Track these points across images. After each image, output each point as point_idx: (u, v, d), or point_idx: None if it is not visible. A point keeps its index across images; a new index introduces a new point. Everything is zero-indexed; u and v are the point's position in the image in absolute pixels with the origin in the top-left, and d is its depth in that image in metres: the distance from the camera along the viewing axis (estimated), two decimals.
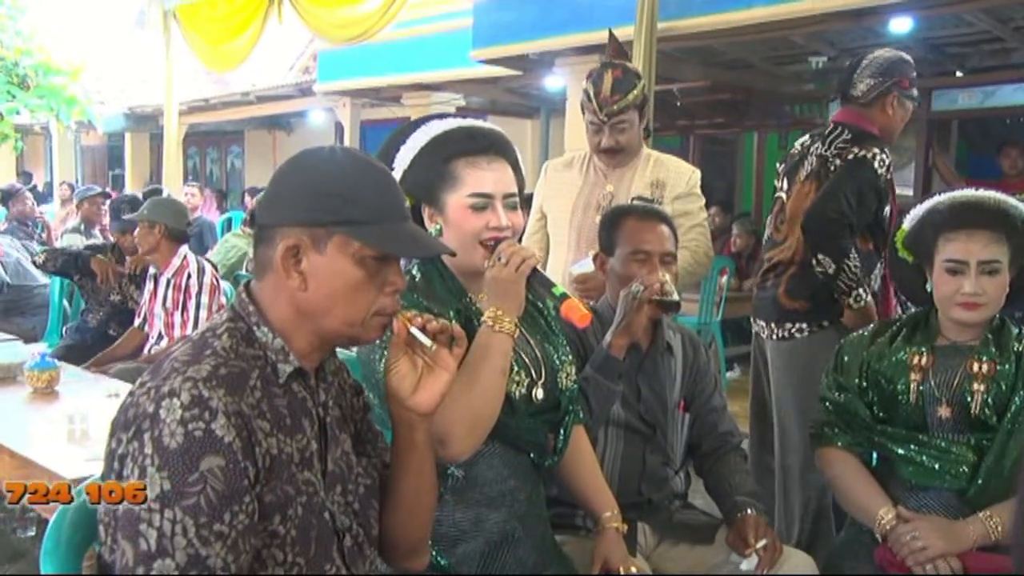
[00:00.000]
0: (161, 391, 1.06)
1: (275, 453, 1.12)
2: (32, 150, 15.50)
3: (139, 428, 1.05)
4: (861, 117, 2.72)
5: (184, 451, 1.03)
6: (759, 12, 4.41)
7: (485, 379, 1.53)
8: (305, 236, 1.17)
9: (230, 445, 1.05)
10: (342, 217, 1.17)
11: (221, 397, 1.07)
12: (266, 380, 1.16)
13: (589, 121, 2.70)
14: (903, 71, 2.70)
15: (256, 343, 1.19)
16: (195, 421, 1.04)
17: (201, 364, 1.10)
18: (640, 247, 2.03)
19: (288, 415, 1.17)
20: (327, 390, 1.29)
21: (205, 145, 14.80)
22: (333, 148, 1.27)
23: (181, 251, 3.66)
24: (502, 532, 1.65)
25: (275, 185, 1.22)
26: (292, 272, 1.18)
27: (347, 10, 6.17)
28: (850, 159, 2.62)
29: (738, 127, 8.31)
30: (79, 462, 2.29)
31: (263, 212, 1.21)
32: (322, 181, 1.19)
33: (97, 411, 2.75)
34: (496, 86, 7.75)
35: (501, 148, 1.67)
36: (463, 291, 1.67)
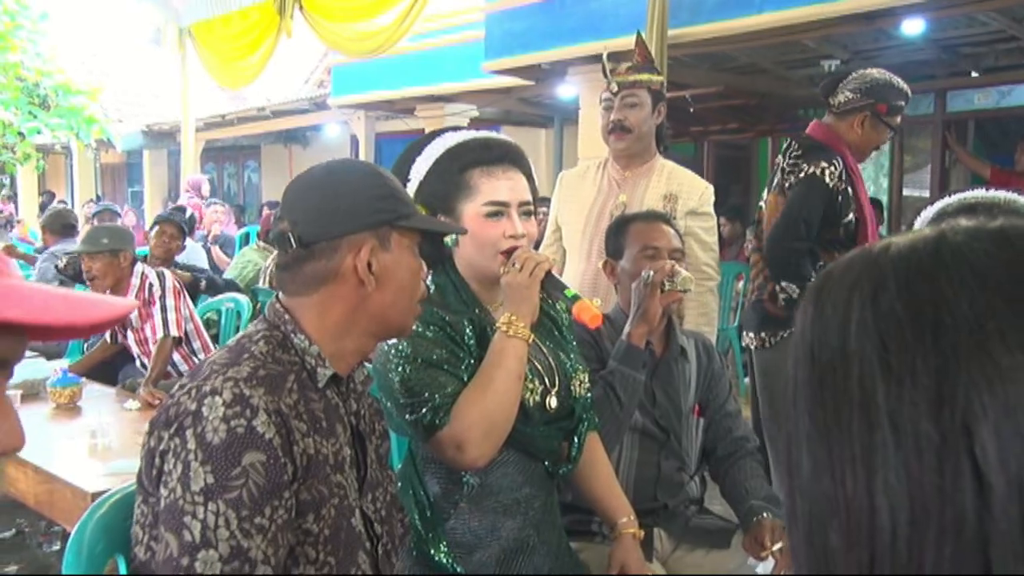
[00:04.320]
0: (203, 390, 1.10)
1: (311, 453, 1.15)
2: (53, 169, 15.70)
3: (181, 425, 1.08)
4: (828, 130, 2.75)
5: (227, 446, 1.06)
6: (769, 17, 4.41)
7: (500, 383, 1.55)
8: (374, 238, 1.23)
9: (270, 442, 1.08)
10: (400, 213, 1.26)
11: (261, 396, 1.10)
12: (303, 384, 1.20)
13: (603, 100, 2.74)
14: (884, 96, 2.69)
15: (292, 349, 1.23)
16: (237, 418, 1.08)
17: (241, 365, 1.14)
18: (649, 244, 2.07)
19: (324, 418, 1.21)
20: (357, 400, 1.33)
21: (222, 160, 14.94)
22: (346, 160, 1.37)
23: (137, 270, 3.61)
24: (517, 540, 1.66)
25: (321, 201, 1.24)
26: (367, 276, 1.23)
27: (361, 24, 6.24)
28: (801, 177, 2.65)
29: (752, 132, 8.29)
30: (100, 476, 2.32)
31: (314, 229, 1.23)
32: (374, 185, 1.26)
33: (118, 426, 2.79)
34: (509, 96, 7.78)
35: (515, 158, 1.69)
36: (477, 301, 1.69)
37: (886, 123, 2.72)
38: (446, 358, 1.58)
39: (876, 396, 0.48)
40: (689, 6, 4.57)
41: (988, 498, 0.44)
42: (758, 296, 2.86)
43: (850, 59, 5.94)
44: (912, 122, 7.10)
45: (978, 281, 0.48)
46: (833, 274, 0.54)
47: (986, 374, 0.45)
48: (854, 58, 5.95)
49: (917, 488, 0.46)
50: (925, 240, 0.51)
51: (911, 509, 0.46)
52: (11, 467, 2.55)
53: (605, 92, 2.73)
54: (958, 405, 0.45)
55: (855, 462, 0.48)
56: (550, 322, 1.81)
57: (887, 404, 0.47)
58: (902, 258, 0.51)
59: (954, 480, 0.45)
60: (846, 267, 0.53)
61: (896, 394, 0.47)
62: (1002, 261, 0.48)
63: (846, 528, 0.48)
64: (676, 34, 4.52)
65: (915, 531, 0.46)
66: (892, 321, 0.49)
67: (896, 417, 0.47)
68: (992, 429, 0.44)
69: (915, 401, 0.46)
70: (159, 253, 4.55)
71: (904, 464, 0.46)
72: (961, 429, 0.45)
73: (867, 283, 0.51)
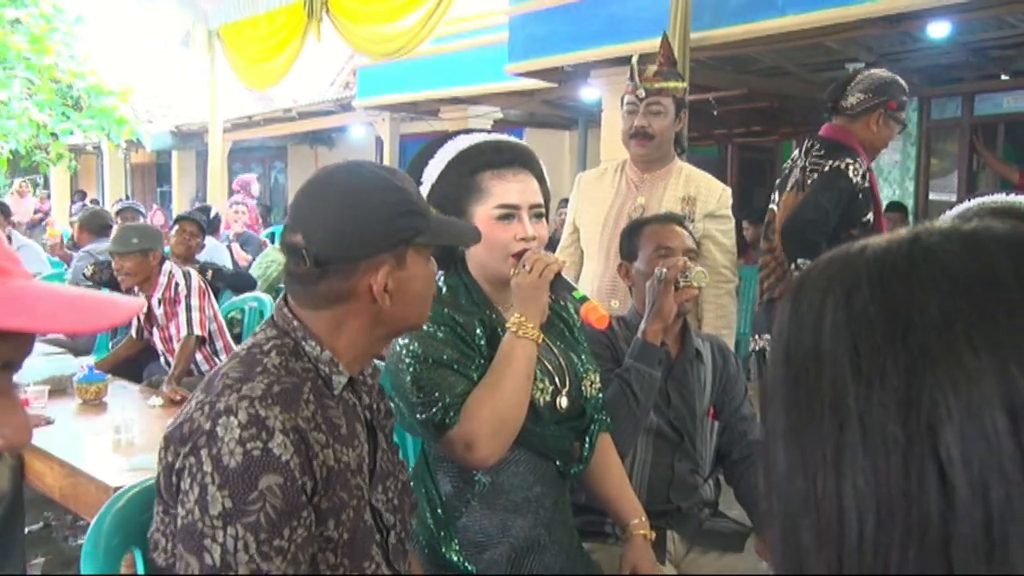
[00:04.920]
0: (217, 408, 1.09)
1: (332, 464, 1.15)
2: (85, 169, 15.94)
3: (195, 444, 1.08)
4: (843, 131, 2.82)
5: (243, 470, 1.05)
6: (793, 19, 4.39)
7: (510, 383, 1.57)
8: (391, 258, 1.21)
9: (287, 464, 1.07)
10: (418, 229, 1.24)
11: (277, 415, 1.09)
12: (319, 392, 1.19)
13: (627, 103, 2.74)
14: (893, 93, 2.79)
15: (305, 356, 1.21)
16: (253, 440, 1.06)
17: (254, 381, 1.12)
18: (662, 244, 2.09)
19: (343, 424, 1.21)
20: (368, 392, 1.34)
21: (249, 161, 15.08)
22: (359, 165, 1.29)
23: (165, 268, 3.67)
24: (528, 538, 1.67)
25: (339, 221, 1.20)
26: (383, 295, 1.21)
27: (385, 26, 6.28)
28: (825, 170, 2.73)
29: (776, 135, 8.25)
30: (123, 471, 2.37)
31: (330, 250, 1.19)
32: (393, 202, 1.22)
33: (141, 422, 2.85)
34: (532, 99, 7.80)
35: (526, 161, 1.71)
36: (488, 302, 1.71)
37: (896, 119, 2.82)
38: (456, 358, 1.59)
39: (847, 397, 0.48)
40: (712, 8, 4.57)
41: (952, 499, 0.45)
42: (769, 297, 2.91)
43: (875, 61, 5.89)
44: (939, 126, 7.04)
45: (948, 283, 0.48)
46: (811, 274, 0.54)
47: (952, 376, 0.45)
48: (879, 60, 5.90)
49: (884, 489, 0.46)
50: (900, 242, 0.51)
51: (878, 510, 0.46)
52: (38, 461, 2.60)
53: (629, 95, 2.73)
54: (924, 407, 0.46)
55: (826, 463, 0.48)
56: (561, 323, 1.82)
57: (857, 405, 0.48)
58: (876, 259, 0.51)
59: (919, 482, 0.45)
60: (823, 267, 0.54)
61: (865, 395, 0.47)
62: (972, 263, 0.48)
63: (817, 528, 0.49)
64: (699, 36, 4.52)
65: (881, 532, 0.46)
66: (864, 322, 0.49)
67: (865, 418, 0.47)
68: (956, 431, 0.45)
69: (884, 403, 0.47)
70: (180, 251, 4.62)
71: (872, 466, 0.47)
72: (927, 431, 0.46)
73: (841, 284, 0.51)
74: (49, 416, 2.89)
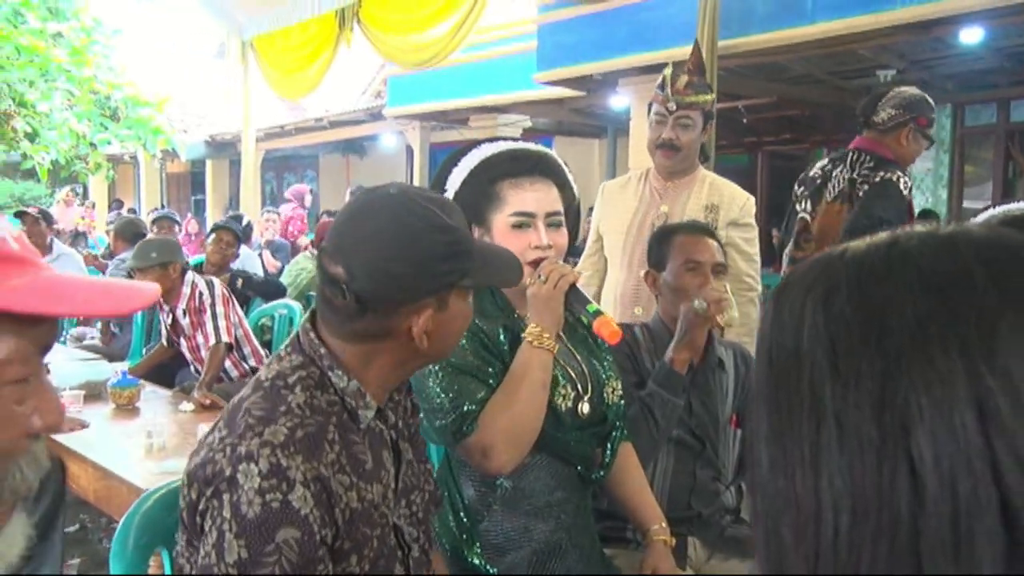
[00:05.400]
0: (238, 452, 1.06)
1: (355, 505, 1.13)
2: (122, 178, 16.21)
3: (217, 489, 1.06)
4: (879, 144, 2.93)
5: (261, 522, 1.03)
6: (822, 27, 4.37)
7: (527, 393, 1.58)
8: (434, 302, 1.18)
9: (306, 517, 1.05)
10: (464, 271, 1.20)
11: (299, 465, 1.06)
12: (343, 427, 1.16)
13: (655, 113, 2.73)
14: (922, 110, 2.92)
15: (331, 388, 1.18)
16: (272, 492, 1.04)
17: (277, 424, 1.09)
18: (692, 257, 2.06)
19: (369, 458, 1.18)
20: (394, 409, 1.31)
21: (282, 170, 15.25)
22: (409, 199, 1.20)
23: (188, 279, 3.72)
24: (549, 542, 1.68)
25: (385, 262, 1.15)
26: (422, 337, 1.18)
27: (416, 35, 6.33)
28: (877, 181, 2.83)
29: (807, 142, 8.19)
30: (155, 475, 2.42)
31: (373, 290, 1.15)
32: (440, 243, 1.17)
33: (172, 427, 2.90)
34: (561, 107, 7.81)
35: (545, 168, 1.72)
36: (511, 308, 1.72)
37: (925, 135, 2.94)
38: (478, 365, 1.61)
39: (824, 398, 0.49)
40: (740, 17, 4.55)
41: (922, 496, 0.46)
42: None
43: (906, 68, 5.85)
44: (973, 132, 6.95)
45: (923, 286, 0.49)
46: (793, 277, 0.55)
47: (925, 377, 0.46)
48: (911, 67, 5.86)
49: (859, 488, 0.47)
50: (878, 245, 0.53)
51: (853, 508, 0.47)
52: (73, 464, 2.66)
53: (658, 105, 2.72)
54: (898, 407, 0.47)
55: (804, 462, 0.50)
56: (584, 330, 1.83)
57: (833, 405, 0.49)
58: (855, 262, 0.52)
59: (891, 480, 0.46)
60: (806, 270, 0.55)
61: (842, 396, 0.48)
62: (947, 267, 0.49)
63: (796, 525, 0.50)
64: (727, 45, 4.51)
65: (855, 529, 0.47)
66: (841, 324, 0.50)
67: (841, 418, 0.48)
68: (928, 430, 0.46)
69: (859, 403, 0.48)
70: (215, 260, 4.70)
71: (848, 464, 0.48)
72: (900, 431, 0.47)
73: (821, 286, 0.52)
74: (84, 420, 2.96)
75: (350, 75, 12.38)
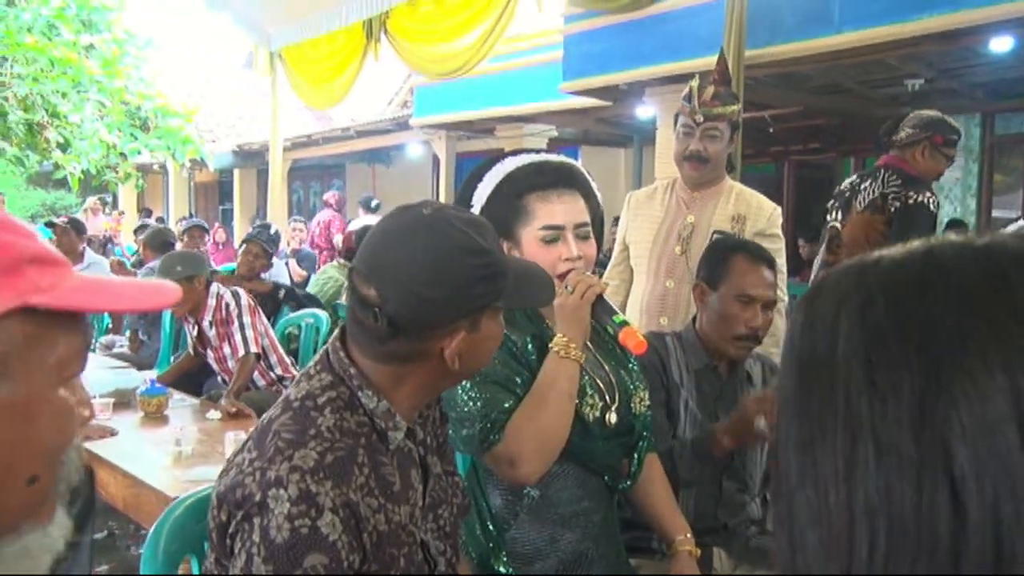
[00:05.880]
0: (268, 477, 1.06)
1: (383, 528, 1.13)
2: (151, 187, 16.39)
3: (248, 513, 1.06)
4: (902, 160, 3.19)
5: (289, 547, 1.03)
6: (849, 37, 4.35)
7: (553, 404, 1.58)
8: (468, 324, 1.18)
9: (334, 544, 1.05)
10: (499, 292, 1.19)
11: (328, 491, 1.06)
12: (373, 449, 1.16)
13: (682, 125, 2.72)
14: (939, 130, 3.17)
15: (360, 408, 1.17)
16: (302, 517, 1.04)
17: (307, 448, 1.09)
18: (746, 291, 2.02)
19: (397, 480, 1.18)
20: (423, 425, 1.30)
21: (309, 179, 15.37)
22: (445, 221, 1.17)
23: (212, 290, 3.72)
24: (576, 552, 1.68)
25: (421, 286, 1.14)
26: (454, 358, 1.18)
27: (444, 46, 6.36)
28: (910, 204, 3.08)
29: (834, 152, 8.14)
30: (182, 482, 2.44)
31: (407, 313, 1.14)
32: (476, 266, 1.16)
33: (200, 435, 2.93)
34: (587, 116, 7.82)
35: (570, 180, 1.72)
36: (540, 318, 1.73)
37: (943, 153, 3.17)
38: (506, 375, 1.62)
39: (860, 411, 0.48)
40: (767, 26, 4.54)
41: (963, 516, 0.45)
42: None
43: (935, 77, 5.79)
44: (1004, 141, 6.87)
45: (962, 299, 0.48)
46: (825, 285, 0.54)
47: (966, 393, 0.46)
48: (939, 76, 5.80)
49: (896, 506, 0.46)
50: (913, 256, 0.52)
51: (889, 526, 0.47)
52: (103, 471, 2.69)
53: (685, 117, 2.71)
54: (938, 424, 0.46)
55: (837, 476, 0.49)
56: (611, 340, 1.83)
57: (870, 420, 0.48)
58: (890, 273, 0.51)
59: (931, 499, 0.46)
60: (838, 278, 0.54)
61: (879, 410, 0.47)
62: (985, 279, 0.48)
63: (826, 539, 0.49)
64: (754, 54, 4.50)
65: (892, 548, 0.46)
66: (878, 336, 0.49)
67: (879, 433, 0.47)
68: (969, 448, 0.45)
69: (898, 419, 0.47)
70: (243, 271, 4.74)
71: (885, 482, 0.47)
72: (940, 449, 0.46)
73: (856, 296, 0.51)
74: (113, 428, 2.99)
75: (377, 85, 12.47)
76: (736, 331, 2.02)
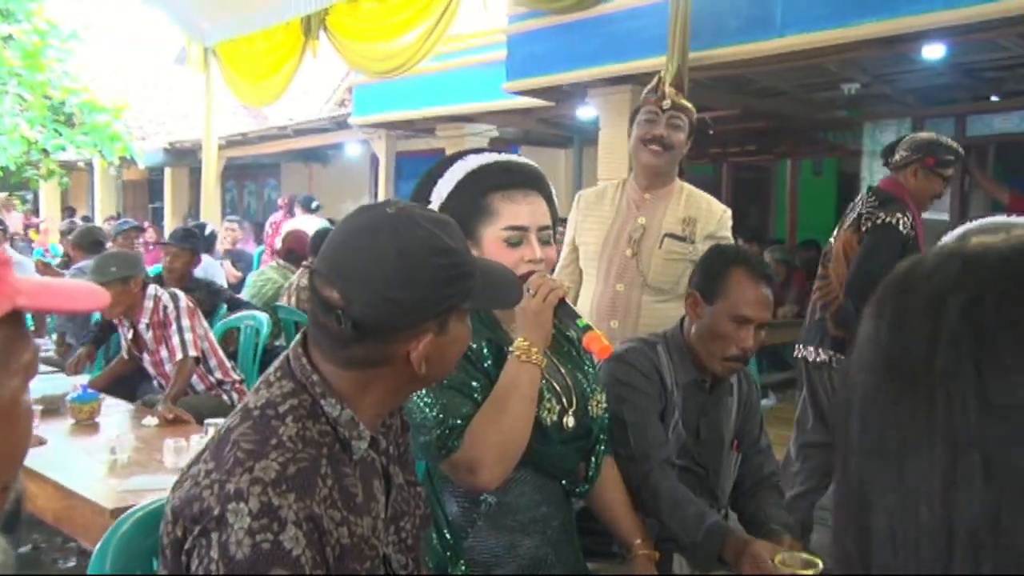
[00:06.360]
0: (227, 490, 1.01)
1: (345, 542, 1.09)
2: (76, 185, 15.88)
3: (205, 528, 1.01)
4: (893, 182, 3.30)
5: (251, 564, 0.98)
6: (791, 40, 4.40)
7: (514, 409, 1.55)
8: (435, 326, 1.14)
9: (298, 559, 1.00)
10: (466, 292, 1.16)
11: (291, 504, 1.01)
12: (335, 460, 1.11)
13: (645, 113, 2.70)
14: (931, 151, 3.24)
15: (323, 417, 1.13)
16: (263, 532, 0.99)
17: (268, 459, 1.04)
18: (742, 312, 1.92)
19: (360, 490, 1.14)
20: (385, 434, 1.26)
21: (243, 178, 15.06)
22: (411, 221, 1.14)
23: (150, 292, 3.60)
24: (534, 558, 1.66)
25: (387, 288, 1.10)
26: (421, 362, 1.14)
27: (384, 44, 6.28)
28: (878, 223, 3.16)
29: (771, 154, 8.29)
30: (119, 493, 2.33)
31: (373, 316, 1.10)
32: (444, 266, 1.12)
33: (136, 443, 2.80)
34: (529, 117, 7.81)
35: (536, 182, 1.70)
36: (496, 322, 1.70)
37: (937, 173, 3.23)
38: (462, 380, 1.59)
39: (966, 425, 0.43)
40: (711, 28, 4.58)
41: None
42: (821, 315, 3.33)
43: (870, 82, 5.93)
44: None
45: None
46: (914, 276, 0.49)
47: None
48: (874, 81, 5.94)
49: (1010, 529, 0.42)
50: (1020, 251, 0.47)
51: (996, 551, 0.42)
52: (31, 483, 2.56)
53: (650, 106, 2.69)
54: None
55: (932, 493, 0.44)
56: (567, 343, 1.82)
57: (980, 436, 0.43)
58: (998, 266, 0.46)
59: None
60: (930, 270, 0.49)
61: (992, 426, 0.43)
62: None
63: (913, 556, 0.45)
64: (697, 56, 4.52)
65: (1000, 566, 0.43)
66: (989, 342, 0.44)
67: (989, 451, 0.43)
68: None
69: (1017, 437, 0.42)
70: (167, 275, 4.57)
71: (996, 503, 0.43)
72: None
73: (959, 294, 0.46)
74: (42, 436, 2.85)
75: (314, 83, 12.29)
76: (728, 352, 1.94)
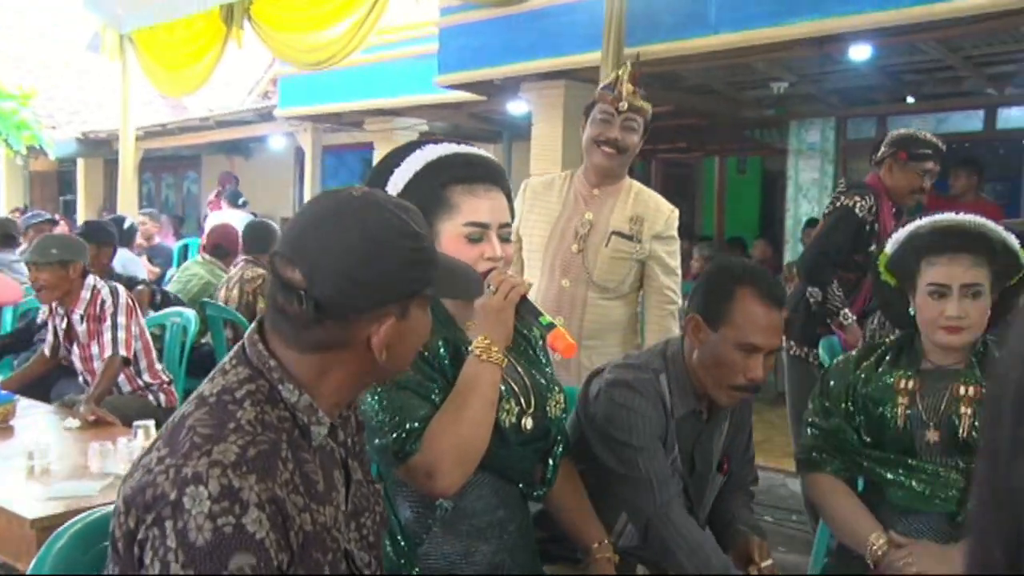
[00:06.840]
0: (183, 474, 0.97)
1: (308, 529, 1.05)
2: None
3: (159, 515, 0.96)
4: (874, 178, 3.38)
5: (212, 549, 0.94)
6: (725, 38, 4.45)
7: (473, 410, 1.50)
8: (396, 309, 1.12)
9: (262, 542, 0.97)
10: (429, 279, 1.15)
11: (253, 486, 0.98)
12: (295, 445, 1.08)
13: (601, 111, 2.66)
14: (904, 145, 3.31)
15: (281, 402, 1.10)
16: (225, 515, 0.95)
17: (227, 442, 1.01)
18: (750, 340, 1.76)
19: (321, 478, 1.11)
20: (343, 426, 1.24)
21: (161, 171, 14.57)
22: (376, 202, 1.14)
23: (88, 283, 3.45)
24: (492, 564, 1.62)
25: (351, 269, 1.08)
26: (381, 348, 1.12)
27: (313, 36, 6.12)
28: (837, 206, 3.28)
29: (699, 151, 8.41)
30: (41, 501, 2.19)
31: (336, 298, 1.08)
32: (409, 249, 1.12)
33: (58, 446, 2.65)
34: (459, 111, 7.75)
35: (497, 177, 1.65)
36: (451, 320, 1.65)
37: (912, 169, 3.28)
38: (419, 381, 1.53)
39: None
40: (646, 25, 4.59)
41: None
42: (792, 307, 3.25)
43: (797, 82, 6.06)
44: (855, 145, 7.28)
45: None
46: None
47: None
48: (800, 81, 6.07)
49: None
50: None
51: None
52: None
53: (605, 104, 2.66)
54: None
55: None
56: (524, 342, 1.77)
57: None
58: None
59: None
60: None
61: None
62: None
63: None
64: (631, 52, 4.53)
65: None
66: None
67: None
68: None
69: None
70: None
71: None
72: None
73: None
74: None
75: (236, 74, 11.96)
76: (734, 381, 1.79)
